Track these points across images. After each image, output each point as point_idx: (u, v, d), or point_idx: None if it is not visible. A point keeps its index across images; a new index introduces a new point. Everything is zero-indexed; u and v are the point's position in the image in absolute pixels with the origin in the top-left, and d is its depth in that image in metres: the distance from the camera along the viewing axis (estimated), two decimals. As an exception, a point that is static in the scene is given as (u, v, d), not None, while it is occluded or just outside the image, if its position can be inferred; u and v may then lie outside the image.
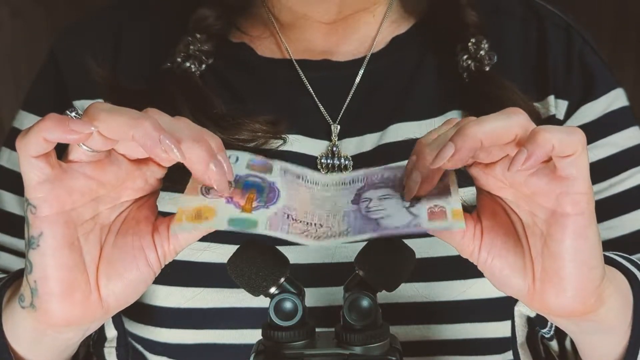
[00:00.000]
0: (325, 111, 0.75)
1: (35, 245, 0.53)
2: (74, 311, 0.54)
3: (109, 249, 0.55)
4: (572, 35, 0.79)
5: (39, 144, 0.50)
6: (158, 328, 0.71)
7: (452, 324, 0.70)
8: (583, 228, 0.52)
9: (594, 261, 0.53)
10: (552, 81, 0.77)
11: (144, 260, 0.55)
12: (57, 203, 0.52)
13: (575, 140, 0.50)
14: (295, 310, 0.54)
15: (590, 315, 0.55)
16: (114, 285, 0.55)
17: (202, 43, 0.76)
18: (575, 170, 0.50)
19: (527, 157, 0.49)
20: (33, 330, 0.57)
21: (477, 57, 0.75)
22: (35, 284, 0.54)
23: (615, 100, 0.77)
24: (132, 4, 0.81)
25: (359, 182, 0.58)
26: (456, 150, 0.50)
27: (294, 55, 0.77)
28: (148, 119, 0.51)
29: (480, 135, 0.50)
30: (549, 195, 0.52)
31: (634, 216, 0.74)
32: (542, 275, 0.54)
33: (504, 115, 0.51)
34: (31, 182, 0.52)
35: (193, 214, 0.53)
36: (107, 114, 0.51)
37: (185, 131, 0.53)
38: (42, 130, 0.50)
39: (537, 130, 0.49)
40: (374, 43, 0.78)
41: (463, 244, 0.56)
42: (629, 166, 0.75)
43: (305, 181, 0.59)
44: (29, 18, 1.70)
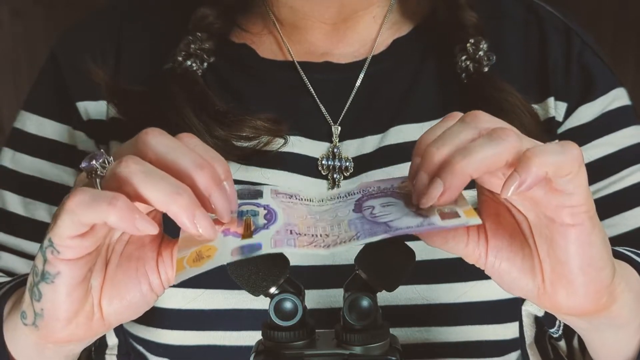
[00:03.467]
0: (327, 113, 0.75)
1: (50, 281, 0.52)
2: (77, 331, 0.54)
3: (112, 270, 0.55)
4: (571, 37, 0.79)
5: (96, 220, 0.49)
6: (159, 329, 0.71)
7: (452, 327, 0.70)
8: (586, 236, 0.51)
9: (601, 263, 0.52)
10: (552, 83, 0.77)
11: (147, 285, 0.55)
12: (82, 251, 0.51)
13: (570, 160, 0.49)
14: (295, 310, 0.54)
15: (603, 313, 0.54)
16: (116, 305, 0.55)
17: (203, 42, 0.76)
18: (572, 187, 0.49)
19: (519, 184, 0.48)
20: (35, 345, 0.57)
21: (475, 58, 0.75)
22: (41, 311, 0.53)
23: (614, 99, 0.77)
24: (132, 4, 0.81)
25: (355, 194, 0.57)
26: (445, 189, 0.49)
27: (295, 56, 0.77)
28: (184, 193, 0.49)
29: (468, 171, 0.49)
30: (546, 206, 0.51)
31: (635, 212, 0.74)
32: (551, 277, 0.53)
33: (493, 142, 0.49)
34: (63, 234, 0.50)
35: (194, 257, 0.51)
36: (143, 184, 0.49)
37: (188, 157, 0.51)
38: (109, 215, 0.48)
39: (529, 155, 0.48)
40: (375, 45, 0.78)
41: (468, 251, 0.55)
42: (629, 164, 0.75)
43: (300, 199, 0.58)
44: (29, 18, 1.70)
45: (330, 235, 0.53)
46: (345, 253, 0.69)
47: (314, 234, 0.53)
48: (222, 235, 0.52)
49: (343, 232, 0.53)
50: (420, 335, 0.70)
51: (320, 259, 0.69)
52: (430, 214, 0.52)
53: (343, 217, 0.55)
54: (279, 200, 0.57)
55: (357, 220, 0.53)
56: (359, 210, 0.55)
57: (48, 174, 0.76)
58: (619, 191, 0.74)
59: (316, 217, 0.56)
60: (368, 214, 0.54)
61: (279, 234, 0.52)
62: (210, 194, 0.51)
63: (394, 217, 0.52)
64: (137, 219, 0.49)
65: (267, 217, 0.54)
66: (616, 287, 0.54)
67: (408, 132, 0.74)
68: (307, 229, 0.54)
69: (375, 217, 0.53)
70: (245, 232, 0.52)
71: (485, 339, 0.71)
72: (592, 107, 0.76)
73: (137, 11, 0.81)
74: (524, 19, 0.80)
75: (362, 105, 0.75)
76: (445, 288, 0.69)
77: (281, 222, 0.54)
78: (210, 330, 0.70)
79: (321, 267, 0.70)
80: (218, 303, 0.69)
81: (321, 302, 0.68)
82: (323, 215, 0.56)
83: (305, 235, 0.53)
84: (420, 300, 0.69)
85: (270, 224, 0.53)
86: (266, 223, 0.53)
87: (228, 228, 0.53)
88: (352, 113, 0.75)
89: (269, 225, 0.53)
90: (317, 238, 0.53)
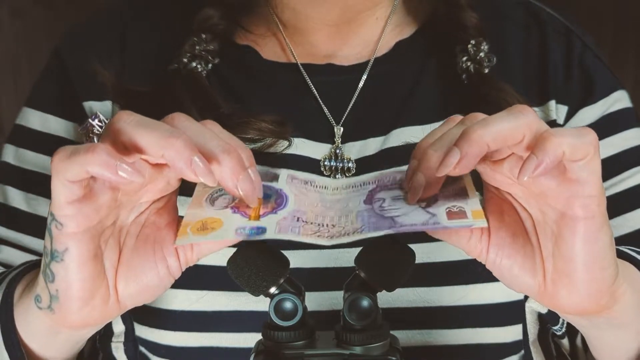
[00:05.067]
0: (329, 114, 0.75)
1: (60, 259, 0.52)
2: (92, 314, 0.54)
3: (128, 253, 0.55)
4: (572, 40, 0.79)
5: (80, 173, 0.49)
6: (162, 330, 0.71)
7: (452, 329, 0.70)
8: (594, 231, 0.51)
9: (605, 262, 0.52)
10: (552, 86, 0.77)
11: (165, 268, 0.55)
12: (84, 221, 0.51)
13: (587, 143, 0.49)
14: (295, 310, 0.54)
15: (603, 313, 0.55)
16: (133, 288, 0.55)
17: (208, 43, 0.76)
18: (586, 174, 0.49)
19: (537, 165, 0.48)
20: (48, 329, 0.57)
21: (476, 59, 0.75)
22: (56, 292, 0.53)
23: (615, 102, 0.77)
24: (136, 5, 0.81)
25: (371, 184, 0.57)
26: (462, 157, 0.49)
27: (298, 58, 0.77)
28: (179, 137, 0.49)
29: (486, 139, 0.49)
30: (558, 197, 0.51)
31: (637, 214, 0.74)
32: (553, 275, 0.53)
33: (511, 116, 0.50)
34: (60, 201, 0.51)
35: (198, 225, 0.52)
36: (136, 130, 0.50)
37: (215, 141, 0.51)
38: (88, 163, 0.49)
39: (546, 136, 0.48)
40: (378, 47, 0.78)
41: (470, 246, 0.55)
42: (630, 166, 0.75)
43: (314, 186, 0.58)
44: (29, 18, 1.70)
45: (336, 225, 0.53)
46: (348, 255, 0.69)
47: (320, 224, 0.53)
48: (231, 211, 0.53)
49: (349, 223, 0.53)
50: (421, 338, 0.70)
51: (322, 261, 0.69)
52: (439, 212, 0.52)
53: (353, 208, 0.55)
54: (294, 185, 0.57)
55: (365, 213, 0.54)
56: (369, 202, 0.55)
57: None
58: (620, 193, 0.74)
59: (327, 205, 0.56)
60: (377, 206, 0.54)
61: (286, 220, 0.53)
62: (238, 178, 0.51)
63: (402, 213, 0.52)
64: (119, 165, 0.48)
65: (278, 201, 0.54)
66: (618, 288, 0.54)
67: (410, 134, 0.74)
68: (314, 217, 0.54)
69: (383, 211, 0.53)
70: (253, 214, 0.53)
71: (485, 342, 0.71)
72: (593, 109, 0.76)
73: (142, 11, 0.80)
74: (524, 21, 0.80)
75: (365, 107, 0.75)
76: (446, 291, 0.69)
77: (290, 208, 0.54)
78: (212, 332, 0.70)
79: (323, 269, 0.70)
80: (221, 305, 0.69)
81: (323, 304, 0.68)
82: (334, 204, 0.56)
83: (311, 224, 0.53)
84: (420, 302, 0.69)
85: (279, 209, 0.54)
86: (275, 208, 0.54)
87: (238, 206, 0.53)
88: (354, 114, 0.75)
89: (278, 210, 0.53)
90: (323, 228, 0.53)
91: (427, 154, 0.52)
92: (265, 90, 0.76)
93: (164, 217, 0.56)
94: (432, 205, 0.53)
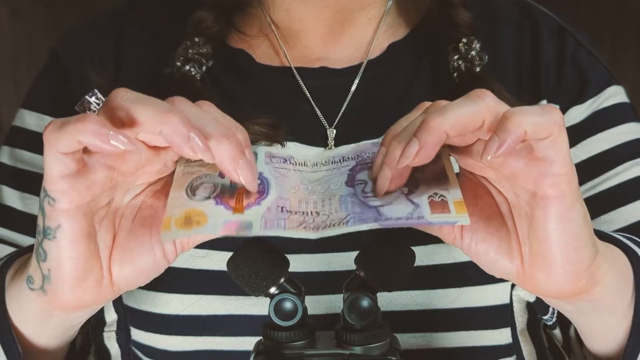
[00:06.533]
0: (322, 117, 0.75)
1: (52, 237, 0.52)
2: (85, 296, 0.54)
3: (124, 236, 0.55)
4: (565, 38, 0.78)
5: (72, 144, 0.49)
6: (157, 335, 0.71)
7: (446, 332, 0.70)
8: (565, 210, 0.50)
9: (580, 242, 0.52)
10: (544, 85, 0.76)
11: (161, 251, 0.55)
12: (77, 197, 0.51)
13: (550, 122, 0.48)
14: (295, 310, 0.54)
15: (584, 295, 0.54)
16: (127, 271, 0.55)
17: (201, 46, 0.76)
18: (553, 152, 0.49)
19: (499, 145, 0.47)
20: (41, 311, 0.57)
21: (467, 58, 0.75)
22: (48, 272, 0.53)
23: (609, 97, 0.77)
24: (132, 8, 0.81)
25: (350, 159, 0.57)
26: (420, 147, 0.49)
27: (292, 61, 0.77)
28: (177, 113, 0.49)
29: (444, 127, 0.48)
30: (528, 177, 0.50)
31: (632, 208, 0.74)
32: (530, 258, 0.53)
33: (469, 101, 0.49)
34: (53, 175, 0.50)
35: (182, 219, 0.51)
36: (134, 105, 0.49)
37: (214, 124, 0.51)
38: (79, 132, 0.48)
39: (508, 115, 0.48)
40: (371, 49, 0.78)
41: (443, 231, 0.55)
42: (625, 160, 0.75)
43: (293, 164, 0.57)
44: (29, 18, 1.71)
45: (320, 213, 0.53)
46: (341, 259, 0.69)
47: (304, 212, 0.53)
48: (214, 203, 0.52)
49: (334, 211, 0.53)
50: (416, 341, 0.70)
51: (316, 265, 0.69)
52: (421, 201, 0.52)
53: (335, 191, 0.54)
54: (273, 166, 0.56)
55: (349, 198, 0.53)
56: (351, 184, 0.55)
57: None
58: (615, 187, 0.74)
59: (309, 187, 0.55)
60: (360, 190, 0.54)
61: (270, 211, 0.52)
62: (237, 163, 0.51)
63: (385, 202, 0.52)
64: (111, 134, 0.48)
65: (260, 188, 0.53)
66: (598, 269, 0.54)
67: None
68: (298, 204, 0.54)
69: (366, 198, 0.53)
70: (237, 206, 0.52)
71: (479, 344, 0.71)
72: (581, 108, 0.76)
73: (137, 15, 0.80)
74: (519, 21, 0.80)
75: (358, 110, 0.75)
76: (439, 293, 0.69)
77: (273, 196, 0.53)
78: (208, 336, 0.70)
79: (317, 273, 0.69)
80: (216, 308, 0.69)
81: (317, 308, 0.68)
82: (315, 186, 0.55)
83: (295, 214, 0.53)
84: (414, 305, 0.69)
85: (262, 199, 0.53)
86: (258, 198, 0.53)
87: (220, 197, 0.53)
88: (347, 117, 0.75)
89: (261, 201, 0.53)
90: (308, 217, 0.53)
91: (392, 145, 0.51)
92: (259, 94, 0.76)
93: (161, 199, 0.55)
94: (414, 191, 0.52)
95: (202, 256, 0.69)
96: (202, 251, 0.69)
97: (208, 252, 0.69)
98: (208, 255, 0.69)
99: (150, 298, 0.70)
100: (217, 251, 0.69)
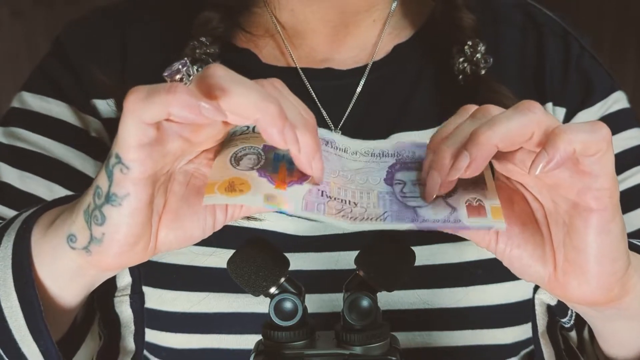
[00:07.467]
0: (328, 118, 0.75)
1: (117, 204, 0.51)
2: (129, 259, 0.53)
3: (176, 201, 0.54)
4: (569, 42, 0.79)
5: (159, 114, 0.47)
6: (163, 332, 0.71)
7: (452, 331, 0.70)
8: (606, 223, 0.51)
9: (617, 254, 0.52)
10: (549, 89, 0.77)
11: (212, 221, 0.55)
12: (151, 166, 0.50)
13: (600, 139, 0.49)
14: (295, 310, 0.54)
15: (613, 304, 0.55)
16: (172, 236, 0.54)
17: (208, 46, 0.75)
18: (598, 167, 0.49)
19: (548, 162, 0.48)
20: (76, 269, 0.56)
21: (473, 60, 0.75)
22: (102, 235, 0.52)
23: (614, 103, 0.77)
24: (136, 6, 0.81)
25: (389, 156, 0.57)
26: (472, 160, 0.49)
27: (297, 62, 0.77)
28: (274, 102, 0.48)
29: (494, 141, 0.49)
30: (571, 188, 0.51)
31: (639, 213, 0.74)
32: (564, 265, 0.53)
33: (519, 114, 0.49)
34: (130, 143, 0.49)
35: (226, 184, 0.51)
36: (233, 87, 0.48)
37: (296, 113, 0.51)
38: (170, 104, 0.46)
39: (557, 132, 0.48)
40: (376, 51, 0.78)
41: (479, 236, 0.55)
42: (631, 166, 0.75)
43: (335, 148, 0.57)
44: (29, 18, 1.71)
45: (358, 204, 0.53)
46: (348, 258, 0.69)
47: (343, 199, 0.53)
48: (257, 174, 0.52)
49: (372, 205, 0.53)
50: (421, 340, 0.70)
51: (322, 264, 0.69)
52: (458, 205, 0.52)
53: (373, 186, 0.55)
54: None
55: (387, 196, 0.54)
56: (390, 182, 0.55)
57: (53, 151, 0.75)
58: (622, 192, 0.74)
59: (347, 175, 0.55)
60: (398, 190, 0.54)
61: (311, 193, 0.52)
62: (314, 157, 0.51)
63: (423, 203, 0.53)
64: (202, 105, 0.46)
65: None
66: (629, 280, 0.54)
67: (408, 139, 0.74)
68: (337, 190, 0.54)
69: (405, 197, 0.53)
70: (279, 182, 0.52)
71: (485, 343, 0.71)
72: (591, 112, 0.76)
73: (142, 13, 0.80)
74: (522, 23, 0.80)
75: (363, 111, 0.75)
76: (446, 293, 0.69)
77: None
78: (214, 334, 0.70)
79: (322, 272, 0.70)
80: (222, 306, 0.69)
81: (322, 306, 0.68)
82: (354, 175, 0.56)
83: (335, 200, 0.53)
84: (421, 304, 0.69)
85: (305, 179, 0.53)
86: (300, 177, 0.53)
87: (263, 170, 0.53)
88: (353, 118, 0.75)
89: (303, 181, 0.53)
90: (346, 205, 0.53)
91: (441, 150, 0.52)
92: None
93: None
94: (452, 195, 0.53)
95: (209, 254, 0.69)
96: (209, 249, 0.69)
97: (215, 250, 0.69)
98: (215, 253, 0.69)
99: (156, 296, 0.70)
100: (224, 249, 0.69)
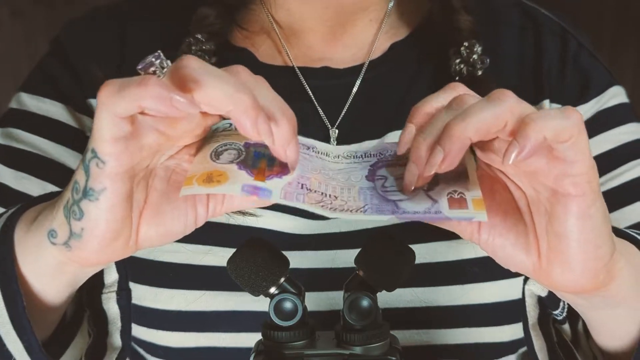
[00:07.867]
0: (325, 117, 0.75)
1: (94, 198, 0.51)
2: (110, 254, 0.53)
3: (157, 197, 0.54)
4: (567, 40, 0.79)
5: (131, 107, 0.47)
6: (160, 331, 0.71)
7: (450, 329, 0.70)
8: (586, 208, 0.51)
9: (600, 239, 0.52)
10: (546, 86, 0.77)
11: (193, 216, 0.55)
12: (127, 161, 0.50)
13: (570, 125, 0.48)
14: (295, 310, 0.54)
15: (600, 291, 0.54)
16: (154, 232, 0.54)
17: (204, 43, 0.76)
18: (572, 153, 0.49)
19: (519, 151, 0.48)
20: (57, 265, 0.56)
21: (469, 61, 0.75)
22: (81, 231, 0.52)
23: (611, 98, 0.77)
24: (134, 5, 0.81)
25: (372, 156, 0.57)
26: (445, 155, 0.49)
27: (294, 61, 0.77)
28: (247, 93, 0.48)
29: (468, 134, 0.49)
30: (548, 175, 0.51)
31: (635, 207, 0.74)
32: (547, 253, 0.53)
33: (491, 104, 0.49)
34: (105, 137, 0.49)
35: (204, 177, 0.51)
36: (205, 79, 0.47)
37: (274, 102, 0.50)
38: (141, 97, 0.46)
39: (527, 121, 0.48)
40: (373, 50, 0.78)
41: (461, 227, 0.55)
42: (627, 160, 0.75)
43: (316, 152, 0.57)
44: (29, 18, 1.71)
45: (339, 198, 0.53)
46: (345, 256, 0.69)
47: (323, 192, 0.53)
48: (236, 167, 0.53)
49: (352, 199, 0.53)
50: (419, 338, 0.70)
51: (320, 262, 0.69)
52: (440, 197, 0.52)
53: (355, 182, 0.55)
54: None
55: (368, 191, 0.54)
56: (371, 178, 0.55)
57: (49, 151, 0.75)
58: (618, 187, 0.74)
59: (329, 174, 0.56)
60: (379, 185, 0.54)
61: (291, 185, 0.52)
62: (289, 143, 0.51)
63: (404, 197, 0.53)
64: (174, 98, 0.46)
65: (282, 164, 0.53)
66: (615, 265, 0.54)
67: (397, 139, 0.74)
68: (318, 185, 0.54)
69: (386, 192, 0.53)
70: (258, 176, 0.52)
71: (483, 341, 0.71)
72: (586, 107, 0.77)
73: (141, 12, 0.80)
74: (520, 23, 0.80)
75: (360, 110, 0.75)
76: (443, 291, 0.70)
77: (295, 174, 0.54)
78: (210, 332, 0.70)
79: (321, 270, 0.70)
80: (219, 304, 0.69)
81: (321, 305, 0.68)
82: (336, 174, 0.56)
83: (315, 192, 0.53)
84: (418, 302, 0.69)
85: (284, 174, 0.53)
86: (280, 172, 0.53)
87: (243, 163, 0.53)
88: (349, 117, 0.75)
89: (282, 175, 0.53)
90: (326, 198, 0.53)
91: (417, 141, 0.51)
92: None
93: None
94: (433, 188, 0.53)
95: (205, 252, 0.69)
96: (205, 247, 0.69)
97: (211, 248, 0.69)
98: (211, 252, 0.69)
99: (152, 294, 0.70)
100: (220, 247, 0.69)
